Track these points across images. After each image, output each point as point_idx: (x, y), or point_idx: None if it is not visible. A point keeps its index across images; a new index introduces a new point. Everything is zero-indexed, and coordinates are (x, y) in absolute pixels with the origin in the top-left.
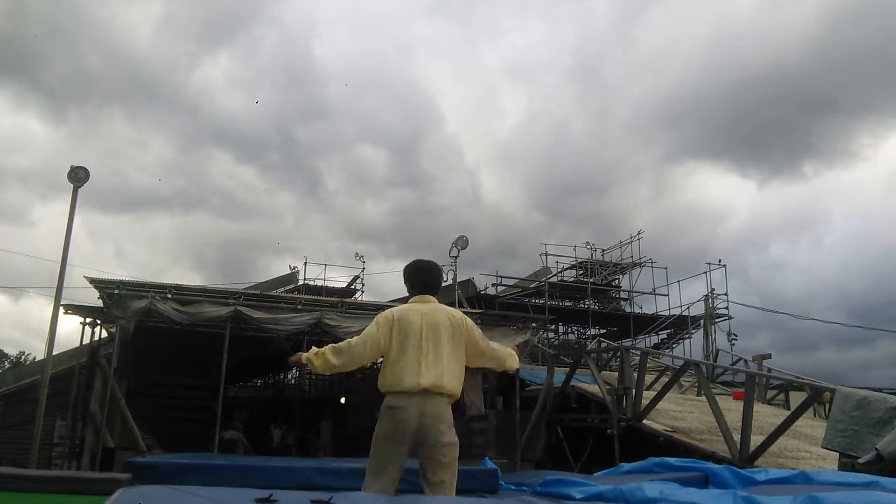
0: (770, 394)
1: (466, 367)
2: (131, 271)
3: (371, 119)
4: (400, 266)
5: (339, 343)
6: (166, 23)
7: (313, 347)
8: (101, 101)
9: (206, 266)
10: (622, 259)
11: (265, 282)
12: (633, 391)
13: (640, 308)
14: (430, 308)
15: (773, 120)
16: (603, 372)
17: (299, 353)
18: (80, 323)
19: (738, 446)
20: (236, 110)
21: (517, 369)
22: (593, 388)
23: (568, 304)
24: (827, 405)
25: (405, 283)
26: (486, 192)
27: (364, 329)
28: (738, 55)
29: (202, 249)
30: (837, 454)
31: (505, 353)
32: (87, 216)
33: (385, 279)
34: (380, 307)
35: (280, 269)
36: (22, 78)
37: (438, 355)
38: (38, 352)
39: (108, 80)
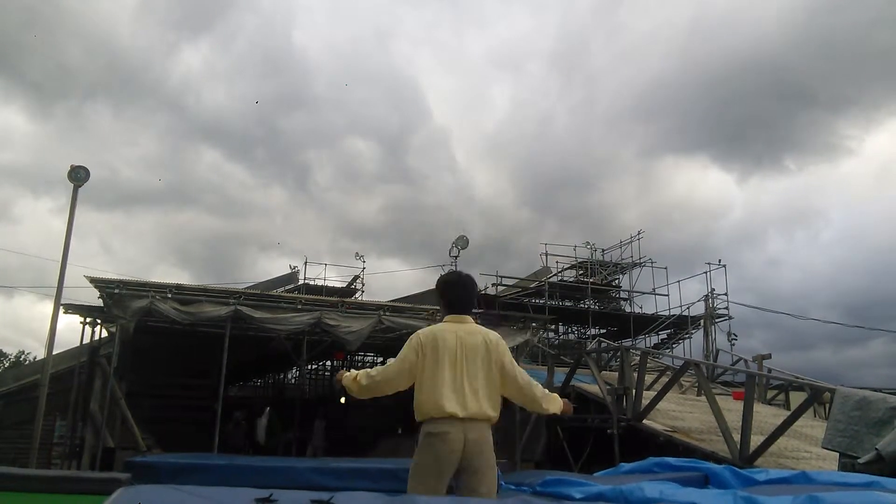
0: (770, 394)
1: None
2: (118, 268)
3: (359, 111)
4: (394, 265)
5: (374, 369)
6: (143, 12)
7: (351, 372)
8: (85, 95)
9: (192, 263)
10: (622, 259)
11: (265, 281)
12: (633, 391)
13: (640, 308)
14: (465, 329)
15: (753, 112)
16: (603, 372)
17: (341, 374)
18: (80, 322)
19: (738, 446)
20: (221, 103)
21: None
22: (593, 388)
23: (568, 304)
24: (827, 405)
25: (439, 299)
26: (476, 188)
27: (394, 360)
28: (715, 45)
29: (188, 246)
30: (837, 454)
31: (541, 392)
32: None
33: (379, 278)
34: (380, 307)
35: (268, 265)
36: (8, 73)
37: (476, 379)
38: (31, 349)
39: (91, 74)
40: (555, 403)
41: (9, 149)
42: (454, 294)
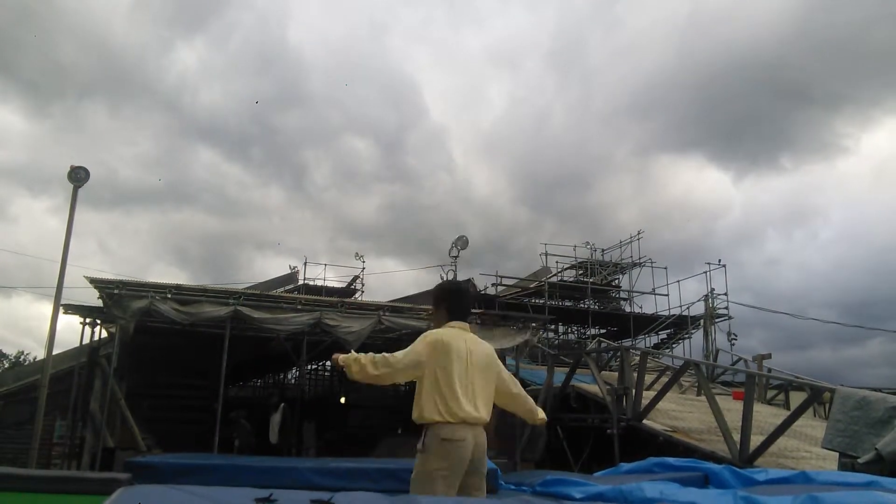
0: (770, 394)
1: None
2: (115, 267)
3: (356, 109)
4: (393, 265)
5: (381, 354)
6: (137, 9)
7: (353, 353)
8: (81, 94)
9: (190, 262)
10: (622, 259)
11: (265, 282)
12: (633, 391)
13: (640, 308)
14: (471, 337)
15: (749, 111)
16: (603, 372)
17: (337, 354)
18: (80, 323)
19: (738, 446)
20: (218, 102)
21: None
22: (593, 388)
23: (568, 304)
24: (827, 405)
25: (438, 304)
26: (474, 187)
27: (405, 352)
28: (710, 42)
29: (185, 245)
30: (837, 454)
31: (533, 403)
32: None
33: (379, 278)
34: (379, 307)
35: (265, 264)
36: (3, 71)
37: (480, 386)
38: (29, 349)
39: (87, 72)
40: (542, 412)
41: (5, 148)
42: (457, 301)
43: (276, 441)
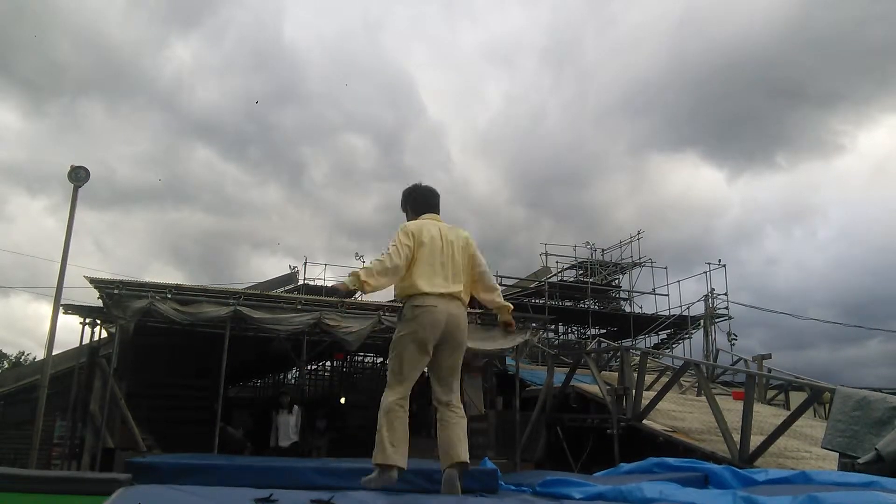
0: (770, 394)
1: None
2: (111, 267)
3: (353, 106)
4: None
5: (377, 261)
6: (132, 7)
7: (352, 276)
8: (77, 92)
9: (187, 261)
10: (622, 259)
11: (265, 281)
12: (633, 391)
13: (640, 308)
14: (444, 226)
15: (743, 109)
16: (603, 372)
17: (342, 282)
18: (80, 323)
19: (738, 446)
20: (214, 100)
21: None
22: (593, 389)
23: (568, 304)
24: (827, 405)
25: (405, 205)
26: (472, 185)
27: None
28: (704, 40)
29: (182, 244)
30: (837, 454)
31: (494, 283)
32: (66, 212)
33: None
34: (380, 307)
35: (262, 263)
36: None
37: (456, 268)
38: (28, 349)
39: (83, 71)
40: (507, 305)
41: (2, 147)
42: (415, 198)
43: (287, 445)
